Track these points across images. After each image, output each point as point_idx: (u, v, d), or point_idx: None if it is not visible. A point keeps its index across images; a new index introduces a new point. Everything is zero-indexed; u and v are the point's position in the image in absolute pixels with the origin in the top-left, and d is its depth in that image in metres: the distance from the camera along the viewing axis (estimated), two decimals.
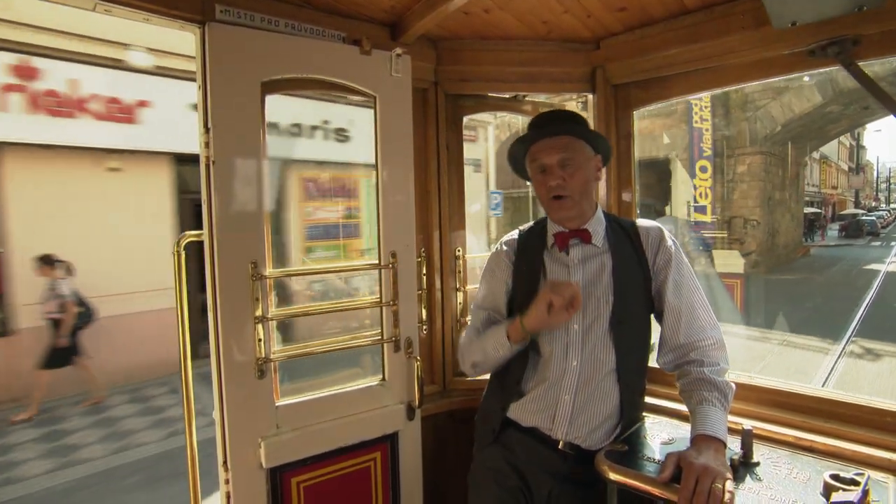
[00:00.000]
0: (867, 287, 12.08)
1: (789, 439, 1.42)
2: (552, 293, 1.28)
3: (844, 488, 1.06)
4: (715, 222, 13.67)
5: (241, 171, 1.48)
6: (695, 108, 13.92)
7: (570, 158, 1.38)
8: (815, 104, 13.84)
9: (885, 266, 15.83)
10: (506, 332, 1.38)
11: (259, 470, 1.53)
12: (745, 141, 14.65)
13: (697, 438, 1.18)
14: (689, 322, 1.38)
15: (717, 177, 14.07)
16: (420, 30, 1.72)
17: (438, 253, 1.98)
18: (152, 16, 1.39)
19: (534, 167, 1.44)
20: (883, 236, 28.11)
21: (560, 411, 1.36)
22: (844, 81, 12.83)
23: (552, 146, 1.39)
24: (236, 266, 1.48)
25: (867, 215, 33.32)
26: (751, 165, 14.79)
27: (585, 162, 1.40)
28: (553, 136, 1.40)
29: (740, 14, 1.57)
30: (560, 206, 1.40)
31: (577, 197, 1.39)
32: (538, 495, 1.37)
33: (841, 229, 29.54)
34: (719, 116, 14.35)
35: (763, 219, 15.04)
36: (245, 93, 1.48)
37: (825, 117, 15.54)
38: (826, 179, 37.30)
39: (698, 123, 13.94)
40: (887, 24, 1.35)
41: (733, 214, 14.98)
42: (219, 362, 1.47)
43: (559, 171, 1.38)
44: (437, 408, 1.94)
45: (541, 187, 1.43)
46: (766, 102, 14.24)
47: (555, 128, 1.41)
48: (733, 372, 1.46)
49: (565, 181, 1.37)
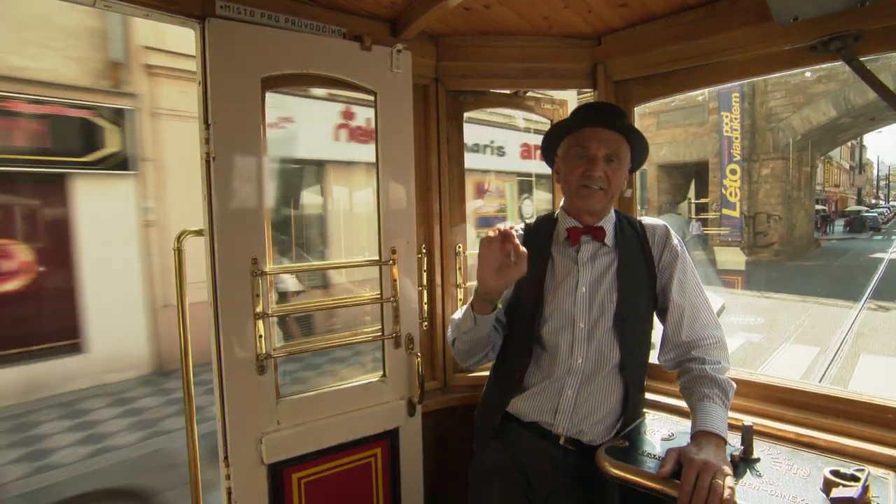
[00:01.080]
0: (874, 270, 15.05)
1: (790, 436, 1.42)
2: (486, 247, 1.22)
3: (845, 484, 1.06)
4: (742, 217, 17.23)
5: (241, 167, 1.48)
6: (725, 120, 17.15)
7: (616, 155, 1.37)
8: (830, 117, 16.27)
9: (887, 255, 18.72)
10: (471, 303, 1.36)
11: (260, 466, 1.53)
12: (769, 148, 17.34)
13: (698, 434, 1.18)
14: (692, 321, 1.39)
15: (744, 178, 17.39)
16: (421, 25, 1.72)
17: (439, 249, 1.98)
18: (152, 11, 1.39)
19: (574, 151, 1.39)
20: (884, 231, 30.57)
21: (562, 406, 1.36)
22: (855, 98, 15.41)
23: (605, 137, 1.36)
24: (236, 262, 1.48)
25: (869, 212, 35.30)
26: (773, 169, 17.47)
27: (625, 163, 1.41)
28: (609, 128, 1.37)
29: (742, 10, 1.57)
30: (591, 195, 1.37)
31: (612, 194, 1.39)
32: (539, 490, 1.37)
33: (846, 225, 31.78)
34: (747, 127, 17.44)
35: (784, 214, 17.73)
36: (245, 89, 1.48)
37: (837, 127, 18.00)
38: (829, 178, 38.31)
39: (728, 133, 17.24)
40: (889, 19, 1.34)
41: (758, 210, 17.69)
42: (219, 358, 1.47)
43: (604, 164, 1.36)
44: (437, 404, 1.94)
45: (575, 171, 1.38)
46: (788, 115, 16.89)
47: (612, 120, 1.39)
48: (734, 369, 1.46)
49: (608, 175, 1.36)
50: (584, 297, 1.39)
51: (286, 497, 1.58)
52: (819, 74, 16.13)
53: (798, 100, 16.69)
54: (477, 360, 1.49)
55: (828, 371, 6.63)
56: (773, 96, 17.28)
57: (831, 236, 28.21)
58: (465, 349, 1.45)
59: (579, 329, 1.37)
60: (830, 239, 26.54)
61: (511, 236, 1.21)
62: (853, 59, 1.42)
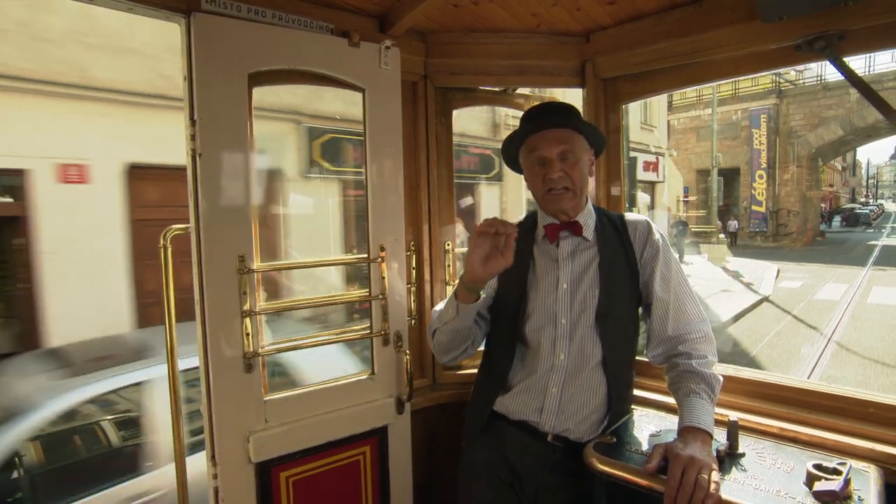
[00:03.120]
0: (872, 251, 20.83)
1: (774, 430, 1.44)
2: (479, 235, 1.26)
3: (827, 477, 1.08)
4: (767, 212, 23.49)
5: (228, 163, 1.46)
6: (755, 135, 23.05)
7: (570, 151, 1.37)
8: (839, 135, 21.72)
9: (880, 242, 24.52)
10: (454, 292, 1.38)
11: (247, 464, 1.52)
12: (789, 158, 22.95)
13: (684, 430, 1.19)
14: (678, 315, 1.39)
15: (769, 181, 23.36)
16: (409, 22, 1.71)
17: (428, 246, 1.98)
18: (136, 5, 1.36)
19: (531, 158, 1.41)
20: (874, 225, 36.92)
21: (547, 404, 1.37)
22: (858, 121, 20.88)
23: (553, 138, 1.37)
24: (223, 259, 1.47)
25: (862, 209, 41.88)
26: (792, 174, 23.06)
27: (583, 155, 1.40)
28: (554, 127, 1.38)
29: (729, 8, 1.58)
30: (560, 198, 1.38)
31: (578, 190, 1.39)
32: (527, 486, 1.38)
33: (842, 220, 37.93)
34: (772, 142, 22.98)
35: (800, 210, 23.47)
36: (232, 84, 1.46)
37: (841, 142, 23.44)
38: (825, 179, 41.79)
39: (757, 146, 23.18)
40: (871, 19, 1.37)
41: (780, 207, 23.55)
42: (206, 356, 1.46)
43: (559, 163, 1.37)
44: (427, 401, 1.94)
45: (537, 179, 1.41)
46: (805, 133, 22.35)
47: (556, 119, 1.40)
48: (720, 365, 1.48)
49: (566, 173, 1.37)
50: (566, 294, 1.39)
51: (274, 496, 1.57)
52: (831, 102, 21.54)
53: (813, 121, 22.06)
54: (456, 355, 1.50)
55: (855, 293, 12.11)
56: (793, 118, 22.63)
57: (831, 230, 33.41)
58: (446, 340, 1.46)
59: (561, 325, 1.38)
60: (831, 231, 31.92)
61: (507, 225, 1.25)
62: (837, 59, 1.44)
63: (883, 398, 1.40)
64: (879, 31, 1.39)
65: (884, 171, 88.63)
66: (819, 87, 22.17)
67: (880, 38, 1.40)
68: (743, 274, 14.51)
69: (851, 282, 13.57)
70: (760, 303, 11.38)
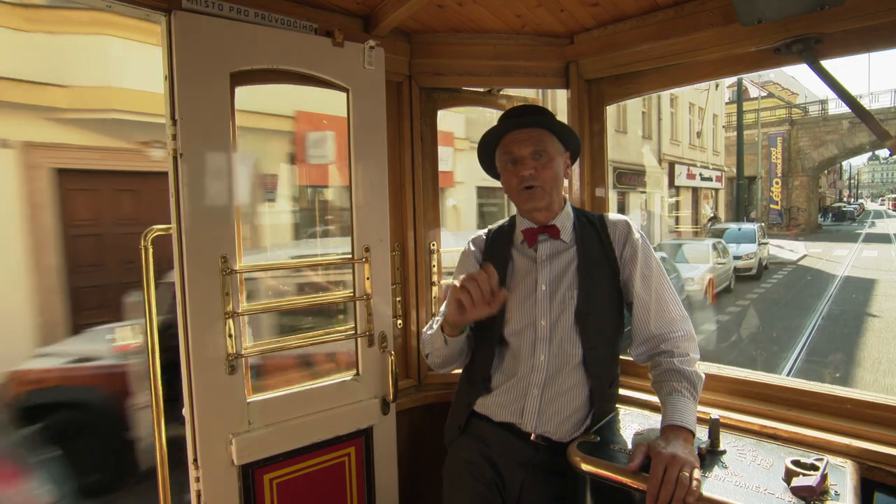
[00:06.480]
0: (858, 236, 28.07)
1: (755, 427, 1.46)
2: (461, 292, 1.25)
3: (804, 473, 1.10)
4: (781, 210, 30.41)
5: (210, 163, 1.45)
6: (773, 153, 29.88)
7: (542, 150, 1.39)
8: (834, 153, 29.19)
9: (864, 231, 32.60)
10: (441, 325, 1.41)
11: (230, 467, 1.51)
12: (798, 169, 29.98)
13: (667, 428, 1.21)
14: (659, 313, 1.41)
15: (783, 187, 30.22)
16: (393, 22, 1.70)
17: (413, 247, 1.97)
18: (115, 3, 1.35)
19: (505, 159, 1.44)
20: (857, 220, 46.11)
21: (528, 405, 1.37)
22: (849, 143, 27.86)
23: (526, 137, 1.40)
24: (206, 260, 1.45)
25: (848, 207, 51.30)
26: (801, 182, 30.09)
27: (557, 156, 1.42)
28: (527, 127, 1.40)
29: (709, 11, 1.60)
30: (531, 195, 1.40)
31: (548, 188, 1.40)
32: (511, 486, 1.38)
33: (833, 216, 45.97)
34: (785, 157, 30.06)
35: (807, 208, 30.64)
36: (213, 84, 1.45)
37: (836, 158, 31.19)
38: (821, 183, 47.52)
39: (774, 160, 30.18)
40: (847, 23, 1.39)
41: (792, 205, 30.51)
42: (188, 358, 1.44)
43: (531, 161, 1.39)
44: (412, 402, 1.94)
45: (511, 178, 1.43)
46: (810, 151, 29.32)
47: (528, 119, 1.42)
48: (703, 363, 1.49)
49: (537, 171, 1.38)
50: (545, 295, 1.40)
51: (258, 498, 1.56)
52: (829, 129, 28.66)
53: (816, 143, 29.20)
54: (452, 368, 1.55)
55: (854, 251, 20.58)
56: (801, 140, 29.83)
57: (825, 223, 41.83)
58: (440, 361, 1.51)
59: (541, 327, 1.39)
60: (826, 224, 40.71)
61: (485, 279, 1.24)
62: (814, 62, 1.47)
63: (859, 395, 1.43)
64: (856, 35, 1.42)
65: (862, 171, 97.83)
66: (821, 119, 30.17)
67: (857, 42, 1.43)
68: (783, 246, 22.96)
69: (850, 248, 22.30)
70: (803, 257, 19.83)
